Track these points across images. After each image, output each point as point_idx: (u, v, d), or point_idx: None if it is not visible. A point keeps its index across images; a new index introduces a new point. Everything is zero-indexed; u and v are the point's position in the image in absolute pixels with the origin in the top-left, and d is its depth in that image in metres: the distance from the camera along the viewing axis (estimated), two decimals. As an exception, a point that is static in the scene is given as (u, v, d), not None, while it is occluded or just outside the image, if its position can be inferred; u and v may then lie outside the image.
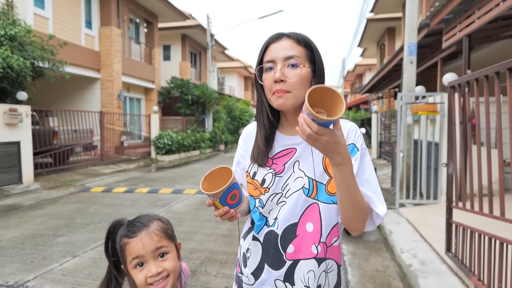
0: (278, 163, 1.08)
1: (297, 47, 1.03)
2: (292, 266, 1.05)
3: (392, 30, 16.91)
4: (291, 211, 1.05)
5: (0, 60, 6.67)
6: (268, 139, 1.09)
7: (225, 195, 0.93)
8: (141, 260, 0.94)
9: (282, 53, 1.01)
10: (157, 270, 0.94)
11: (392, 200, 5.99)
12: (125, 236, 0.96)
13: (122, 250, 0.96)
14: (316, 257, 1.04)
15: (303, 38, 1.05)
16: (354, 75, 33.73)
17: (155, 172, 10.75)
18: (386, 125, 12.63)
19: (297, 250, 1.04)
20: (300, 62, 1.01)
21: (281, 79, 0.99)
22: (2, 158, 7.23)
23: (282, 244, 1.06)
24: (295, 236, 1.05)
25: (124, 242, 0.95)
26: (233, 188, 0.94)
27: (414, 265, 3.32)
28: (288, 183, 1.06)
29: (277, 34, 1.06)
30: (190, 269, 3.37)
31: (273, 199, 1.07)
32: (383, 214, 1.00)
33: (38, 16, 10.24)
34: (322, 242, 1.04)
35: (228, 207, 0.96)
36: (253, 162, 1.13)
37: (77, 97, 13.08)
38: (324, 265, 1.05)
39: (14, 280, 3.11)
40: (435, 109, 5.65)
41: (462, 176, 2.98)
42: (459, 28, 5.29)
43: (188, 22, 18.37)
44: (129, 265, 0.95)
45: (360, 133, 1.06)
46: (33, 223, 4.92)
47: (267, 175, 1.09)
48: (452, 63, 8.09)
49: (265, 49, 1.06)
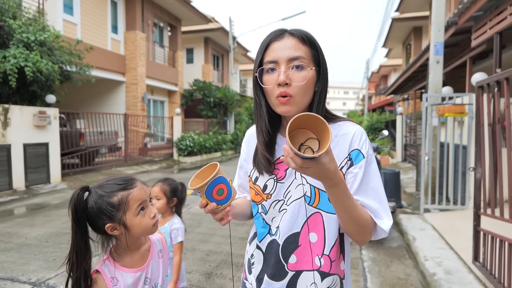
0: (280, 168, 1.02)
1: (302, 47, 0.94)
2: (294, 277, 1.00)
3: (419, 30, 16.40)
4: (292, 220, 0.99)
5: (30, 65, 6.95)
6: (269, 144, 1.03)
7: (210, 189, 0.88)
8: (143, 205, 1.07)
9: (286, 53, 0.93)
10: (155, 211, 1.10)
11: (417, 205, 5.77)
12: (121, 190, 1.04)
13: (123, 202, 1.03)
14: (319, 269, 0.98)
15: (308, 36, 0.96)
16: (379, 76, 33.02)
17: (177, 173, 10.89)
18: (411, 127, 12.25)
19: (300, 260, 0.99)
20: (305, 63, 0.93)
21: (286, 82, 0.92)
22: (31, 158, 7.53)
23: (284, 254, 1.00)
24: (297, 246, 0.99)
25: (124, 194, 1.04)
26: (218, 182, 0.88)
27: (438, 274, 3.17)
28: (290, 190, 1.00)
29: (278, 31, 0.97)
30: (206, 271, 3.36)
31: (275, 206, 1.03)
32: (388, 228, 0.93)
33: (67, 22, 10.64)
34: (325, 255, 0.98)
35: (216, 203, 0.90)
36: (254, 167, 1.08)
37: (102, 100, 13.48)
38: (329, 281, 0.99)
39: (37, 277, 3.20)
40: (463, 110, 5.40)
41: (491, 181, 2.81)
42: (489, 25, 5.04)
43: (210, 25, 18.57)
44: (131, 214, 1.03)
45: (366, 138, 0.97)
46: (58, 222, 5.08)
47: (268, 181, 1.04)
48: (482, 63, 7.72)
49: (265, 48, 0.97)
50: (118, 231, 1.05)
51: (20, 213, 5.71)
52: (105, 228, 1.04)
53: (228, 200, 0.91)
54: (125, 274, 1.08)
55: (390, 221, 0.94)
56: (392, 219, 0.95)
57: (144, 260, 1.13)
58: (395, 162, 12.84)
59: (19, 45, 7.13)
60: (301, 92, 0.94)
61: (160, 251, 1.20)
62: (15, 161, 7.13)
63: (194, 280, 3.15)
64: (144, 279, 1.12)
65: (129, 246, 1.09)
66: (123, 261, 1.10)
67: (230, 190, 0.91)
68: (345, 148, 0.97)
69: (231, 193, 0.92)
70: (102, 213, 1.02)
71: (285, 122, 1.06)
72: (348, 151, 0.96)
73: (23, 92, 8.03)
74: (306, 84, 0.93)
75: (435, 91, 6.01)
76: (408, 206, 5.88)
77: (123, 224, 1.04)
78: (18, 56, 6.90)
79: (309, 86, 0.95)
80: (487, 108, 2.89)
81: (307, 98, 0.96)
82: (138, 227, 1.05)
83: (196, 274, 3.28)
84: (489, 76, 2.92)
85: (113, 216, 1.03)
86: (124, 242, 1.08)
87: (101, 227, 1.04)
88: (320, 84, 0.98)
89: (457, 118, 5.64)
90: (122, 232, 1.05)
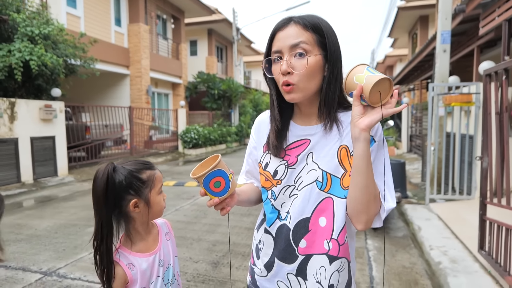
0: (291, 154, 1.04)
1: (304, 33, 0.94)
2: (305, 260, 1.02)
3: (425, 19, 16.15)
4: (303, 205, 1.01)
5: (35, 58, 6.98)
6: (281, 131, 1.05)
7: (207, 180, 0.91)
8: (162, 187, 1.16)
9: (288, 41, 0.94)
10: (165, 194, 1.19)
11: (422, 195, 5.76)
12: (148, 169, 1.13)
13: (150, 180, 1.11)
14: (327, 253, 1.00)
15: (312, 21, 0.96)
16: (384, 67, 32.69)
17: (182, 165, 10.96)
18: (417, 117, 12.16)
19: (310, 245, 1.01)
20: (308, 50, 0.94)
21: (288, 71, 0.94)
22: (39, 152, 7.61)
23: (294, 238, 1.02)
24: (307, 231, 1.01)
25: (152, 173, 1.12)
26: (216, 175, 0.91)
27: (444, 263, 3.18)
28: (301, 176, 1.01)
29: (284, 20, 0.98)
30: (213, 261, 3.40)
31: (286, 191, 1.04)
32: (390, 208, 0.95)
33: (70, 15, 10.64)
34: (333, 239, 0.99)
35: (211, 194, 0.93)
36: (266, 151, 1.09)
37: (107, 93, 13.53)
38: (337, 264, 1.00)
39: (47, 267, 3.26)
40: (470, 100, 5.34)
41: (497, 170, 2.80)
42: (498, 12, 4.96)
43: (214, 16, 18.46)
44: (154, 192, 1.12)
45: (379, 126, 0.99)
46: (66, 214, 5.15)
47: (279, 167, 1.05)
48: (490, 52, 7.61)
49: (272, 38, 0.99)
50: (139, 208, 1.09)
51: (29, 205, 5.80)
52: (129, 205, 1.07)
53: (225, 193, 0.93)
54: (139, 259, 1.12)
55: (394, 204, 0.95)
56: (396, 203, 0.96)
57: (155, 244, 1.18)
58: (401, 153, 12.78)
59: (24, 38, 7.16)
60: (304, 79, 0.95)
61: (167, 234, 1.24)
62: (22, 155, 7.21)
63: (202, 270, 3.20)
64: (159, 262, 1.15)
65: (143, 229, 1.14)
66: (136, 246, 1.13)
67: (228, 184, 0.93)
68: None
69: (229, 187, 0.93)
70: (131, 187, 1.07)
71: (297, 109, 1.08)
72: None
73: (29, 86, 8.08)
74: (307, 71, 0.94)
75: (442, 80, 5.95)
76: (413, 197, 5.88)
77: (147, 200, 1.10)
78: (23, 50, 6.92)
79: (312, 73, 0.95)
80: (495, 97, 2.87)
81: (312, 85, 0.96)
82: (158, 205, 1.13)
83: (203, 264, 3.33)
84: (497, 64, 2.89)
85: (140, 192, 1.09)
86: (142, 221, 1.12)
87: (124, 204, 1.08)
88: (329, 67, 0.97)
89: (463, 107, 5.59)
90: (141, 210, 1.10)
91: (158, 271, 1.14)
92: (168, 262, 1.19)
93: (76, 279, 3.02)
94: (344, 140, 1.00)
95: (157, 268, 1.15)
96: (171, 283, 1.18)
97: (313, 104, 1.03)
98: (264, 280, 1.09)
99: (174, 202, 5.82)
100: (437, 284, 2.91)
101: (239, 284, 2.93)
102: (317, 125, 1.03)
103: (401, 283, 2.97)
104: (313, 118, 1.04)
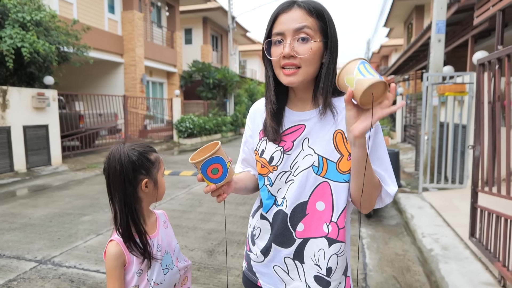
0: (286, 140, 1.05)
1: (309, 18, 0.95)
2: (302, 244, 1.03)
3: (421, 8, 16.09)
4: (299, 190, 1.02)
5: (27, 45, 6.86)
6: (277, 115, 1.05)
7: (205, 166, 0.91)
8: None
9: (292, 25, 0.94)
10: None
11: (416, 184, 5.83)
12: (154, 152, 1.18)
13: (157, 161, 1.17)
14: (327, 236, 1.01)
15: (316, 7, 0.97)
16: (380, 57, 32.62)
17: (177, 155, 10.94)
18: (411, 107, 12.23)
19: (307, 228, 1.03)
20: (311, 35, 0.94)
21: (291, 54, 0.94)
22: (32, 140, 7.54)
23: (292, 222, 1.04)
24: (305, 214, 1.03)
25: (157, 156, 1.19)
26: (214, 162, 0.92)
27: (435, 250, 3.24)
28: (297, 161, 1.02)
29: (287, 3, 0.98)
30: (208, 249, 3.43)
31: (282, 177, 1.05)
32: (393, 192, 0.98)
33: (62, 2, 10.43)
34: (333, 222, 1.01)
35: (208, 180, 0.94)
36: (262, 138, 1.10)
37: (101, 82, 13.37)
38: (336, 248, 1.02)
39: (42, 255, 3.27)
40: (463, 89, 5.38)
41: (489, 159, 2.84)
42: (492, 2, 4.95)
43: (209, 4, 18.20)
44: (160, 174, 1.18)
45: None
46: (61, 203, 5.14)
47: (275, 153, 1.06)
48: (485, 41, 7.62)
49: (274, 20, 0.98)
50: (148, 188, 1.14)
51: (22, 194, 5.77)
52: (141, 184, 1.12)
53: (222, 180, 0.94)
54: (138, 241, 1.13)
55: (395, 187, 0.98)
56: (397, 186, 0.99)
57: (154, 229, 1.21)
58: (395, 143, 12.87)
59: (15, 25, 7.02)
60: (306, 64, 0.96)
61: (164, 222, 1.27)
62: (15, 143, 7.15)
63: (197, 257, 3.23)
64: (157, 246, 1.18)
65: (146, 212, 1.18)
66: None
67: (226, 171, 0.94)
68: None
69: (227, 174, 0.94)
70: (143, 167, 1.12)
71: (292, 94, 1.08)
72: None
73: (21, 73, 7.96)
74: (310, 56, 0.95)
75: (436, 70, 5.97)
76: (407, 186, 5.95)
77: (155, 181, 1.15)
78: (14, 36, 6.80)
79: (315, 58, 0.96)
80: (488, 86, 2.89)
81: (312, 70, 0.98)
82: (162, 187, 1.18)
83: (198, 252, 3.36)
84: (490, 54, 2.90)
85: (150, 172, 1.14)
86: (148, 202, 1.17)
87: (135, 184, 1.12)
88: (328, 55, 0.98)
89: (457, 97, 5.63)
90: (150, 190, 1.15)
91: (156, 255, 1.16)
92: (166, 249, 1.21)
93: (72, 267, 3.03)
94: (339, 125, 1.01)
95: (155, 252, 1.16)
96: (168, 269, 1.20)
97: (308, 89, 1.03)
98: (260, 265, 1.11)
99: (169, 191, 5.83)
100: (429, 271, 2.98)
101: (234, 271, 2.96)
102: (312, 111, 1.04)
103: (394, 269, 3.02)
104: (307, 103, 1.05)
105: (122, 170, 1.08)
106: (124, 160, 1.08)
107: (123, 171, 1.08)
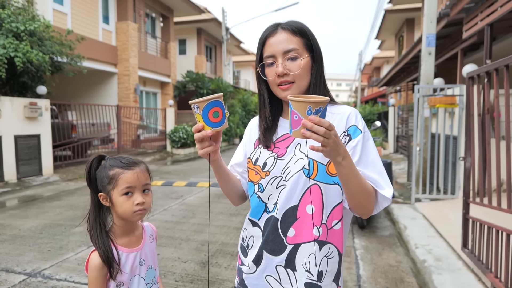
0: (280, 146, 1.10)
1: (294, 39, 1.05)
2: (293, 250, 1.04)
3: (412, 21, 16.44)
4: (290, 193, 1.04)
5: (20, 55, 6.84)
6: (271, 128, 1.13)
7: (208, 108, 0.93)
8: (131, 190, 1.10)
9: (281, 47, 1.04)
10: (142, 200, 1.11)
11: (408, 195, 5.87)
12: (120, 167, 1.11)
13: (114, 178, 1.10)
14: (317, 239, 1.03)
15: (298, 27, 1.07)
16: (372, 68, 33.13)
17: (170, 165, 10.88)
18: (403, 118, 12.38)
19: (298, 233, 1.04)
20: (299, 53, 1.04)
21: (284, 73, 1.04)
22: (23, 150, 7.46)
23: (283, 228, 1.05)
24: (295, 219, 1.04)
25: (118, 172, 1.10)
26: (216, 105, 0.94)
27: (428, 261, 3.25)
28: (289, 166, 1.06)
29: (272, 27, 1.08)
30: (201, 261, 3.40)
31: (273, 182, 1.07)
32: (390, 195, 1.00)
33: (57, 12, 10.45)
34: (323, 224, 1.03)
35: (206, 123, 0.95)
36: (257, 147, 1.15)
37: (94, 91, 13.33)
38: (326, 250, 1.04)
39: (32, 268, 3.21)
40: (454, 101, 5.47)
41: (480, 170, 2.88)
42: (480, 17, 5.09)
43: (203, 15, 18.38)
44: (117, 192, 1.10)
45: (361, 117, 1.07)
46: (52, 214, 5.07)
47: (268, 159, 1.10)
48: (473, 55, 7.80)
49: (263, 44, 1.08)
50: (107, 202, 1.14)
51: (12, 205, 5.68)
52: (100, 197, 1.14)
53: (221, 124, 0.96)
54: (120, 252, 1.13)
55: (391, 189, 1.00)
56: (392, 188, 1.01)
57: (138, 243, 1.20)
58: (387, 153, 12.97)
59: (9, 35, 7.00)
60: (299, 79, 1.05)
61: (150, 236, 1.26)
62: (6, 153, 7.06)
63: (190, 269, 3.19)
64: (140, 260, 1.17)
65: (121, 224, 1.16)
66: (120, 240, 1.16)
67: (224, 117, 0.97)
68: (342, 125, 1.05)
69: (225, 120, 0.97)
70: (100, 180, 1.13)
71: (286, 106, 1.15)
72: (345, 128, 1.05)
73: (13, 83, 7.91)
74: (302, 71, 1.05)
75: (427, 82, 6.07)
76: (399, 196, 5.98)
77: (110, 198, 1.12)
78: (7, 46, 6.77)
79: (305, 72, 1.06)
80: (477, 99, 2.95)
81: (305, 82, 1.07)
82: (120, 207, 1.11)
83: (191, 264, 3.32)
84: (479, 67, 2.97)
85: (105, 187, 1.12)
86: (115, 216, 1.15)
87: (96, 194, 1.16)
88: (315, 66, 1.08)
89: (448, 109, 5.72)
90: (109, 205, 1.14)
91: (138, 269, 1.15)
92: (149, 263, 1.21)
93: (62, 280, 2.98)
94: None
95: (138, 267, 1.16)
96: (152, 283, 1.20)
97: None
98: (252, 277, 1.11)
99: (162, 201, 5.78)
100: (422, 282, 2.98)
101: (227, 283, 2.94)
102: None
103: (387, 281, 3.02)
104: None
105: (88, 181, 1.15)
106: (87, 169, 1.15)
107: (87, 180, 1.15)
